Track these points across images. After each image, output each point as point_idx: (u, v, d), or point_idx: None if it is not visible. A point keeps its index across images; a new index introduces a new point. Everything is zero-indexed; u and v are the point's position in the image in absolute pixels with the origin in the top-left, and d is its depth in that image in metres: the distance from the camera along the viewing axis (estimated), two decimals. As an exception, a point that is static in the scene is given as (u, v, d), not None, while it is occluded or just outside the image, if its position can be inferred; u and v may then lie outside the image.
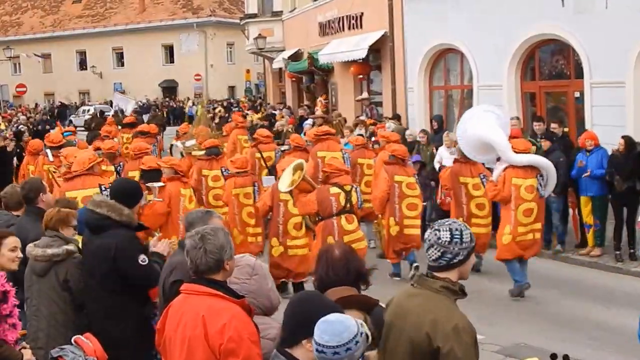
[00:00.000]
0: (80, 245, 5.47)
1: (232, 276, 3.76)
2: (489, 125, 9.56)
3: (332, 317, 3.07)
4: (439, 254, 3.42)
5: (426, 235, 3.50)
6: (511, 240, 9.38)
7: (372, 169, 11.52)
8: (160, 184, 8.77)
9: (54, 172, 11.01)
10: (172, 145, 13.04)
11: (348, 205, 8.76)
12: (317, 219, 8.83)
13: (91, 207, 5.26)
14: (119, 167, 11.61)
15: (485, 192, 10.03)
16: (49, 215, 5.52)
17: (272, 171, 11.50)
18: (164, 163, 9.67)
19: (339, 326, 3.00)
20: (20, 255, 4.95)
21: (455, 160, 10.54)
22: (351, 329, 3.01)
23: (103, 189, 8.13)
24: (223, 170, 10.78)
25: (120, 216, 5.18)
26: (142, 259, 5.15)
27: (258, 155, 12.62)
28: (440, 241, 3.41)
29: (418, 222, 10.29)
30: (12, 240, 4.85)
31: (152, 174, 9.29)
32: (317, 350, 3.01)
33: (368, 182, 11.46)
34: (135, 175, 10.25)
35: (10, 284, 4.54)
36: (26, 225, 6.18)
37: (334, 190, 8.73)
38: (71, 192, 8.07)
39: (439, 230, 3.44)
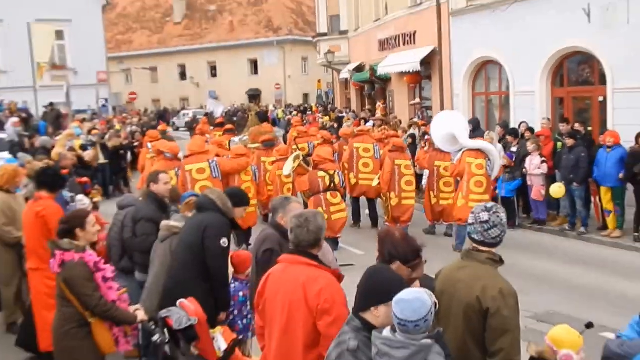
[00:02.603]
0: None
1: None
2: (452, 123, 10.73)
3: (409, 295, 2.95)
4: (499, 232, 3.45)
5: (485, 217, 3.45)
6: (465, 203, 10.06)
7: (368, 152, 12.22)
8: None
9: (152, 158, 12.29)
10: (230, 140, 14.10)
11: (332, 185, 10.29)
12: (309, 195, 10.51)
13: (207, 192, 5.47)
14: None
15: (452, 172, 11.02)
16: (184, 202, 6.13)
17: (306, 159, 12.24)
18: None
19: (417, 303, 2.90)
20: (99, 227, 4.97)
21: (433, 149, 11.70)
22: (427, 303, 2.91)
23: (210, 161, 9.97)
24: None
25: (223, 205, 5.21)
26: (224, 241, 5.08)
27: (295, 147, 13.35)
28: (503, 222, 3.46)
29: (413, 194, 11.59)
30: (92, 218, 4.85)
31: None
32: (399, 324, 2.91)
33: (365, 164, 12.23)
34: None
35: (94, 254, 4.66)
36: (139, 204, 6.51)
37: (321, 174, 10.36)
38: (189, 165, 9.93)
39: (498, 213, 3.46)
